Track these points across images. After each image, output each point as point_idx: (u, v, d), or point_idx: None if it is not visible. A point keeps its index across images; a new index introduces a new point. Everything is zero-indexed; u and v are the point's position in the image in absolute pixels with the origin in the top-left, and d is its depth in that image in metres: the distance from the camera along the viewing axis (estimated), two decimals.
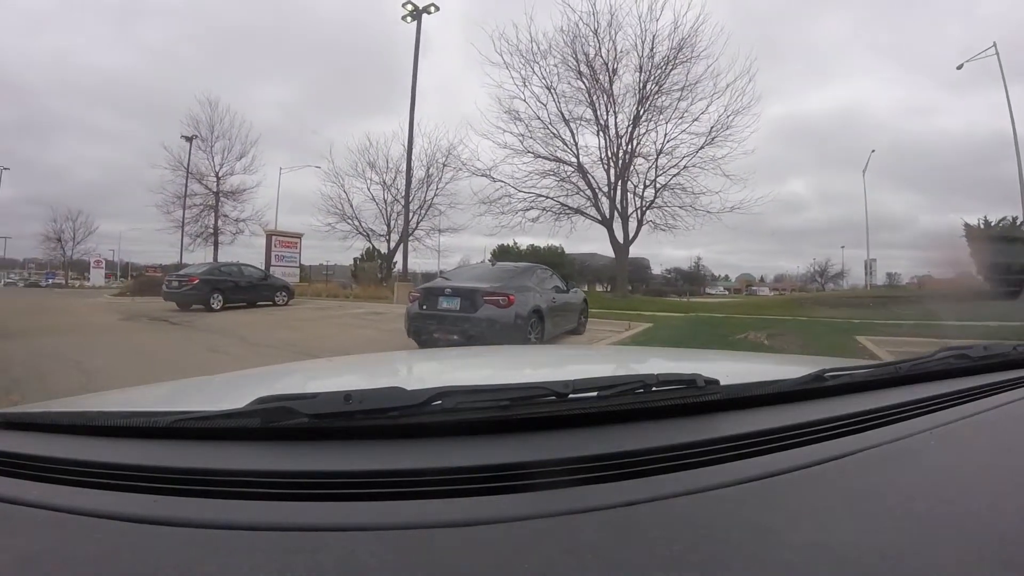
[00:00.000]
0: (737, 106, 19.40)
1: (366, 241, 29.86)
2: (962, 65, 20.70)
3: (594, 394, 0.71)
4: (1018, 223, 17.84)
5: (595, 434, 0.68)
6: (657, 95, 20.38)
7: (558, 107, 20.88)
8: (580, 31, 19.93)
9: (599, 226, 21.55)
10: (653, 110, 20.61)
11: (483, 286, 6.74)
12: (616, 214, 21.14)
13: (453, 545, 0.47)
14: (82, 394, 2.06)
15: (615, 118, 20.89)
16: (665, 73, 20.02)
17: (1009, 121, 18.49)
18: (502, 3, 38.30)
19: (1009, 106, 18.56)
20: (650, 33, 19.61)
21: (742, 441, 0.66)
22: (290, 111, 69.69)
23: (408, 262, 21.57)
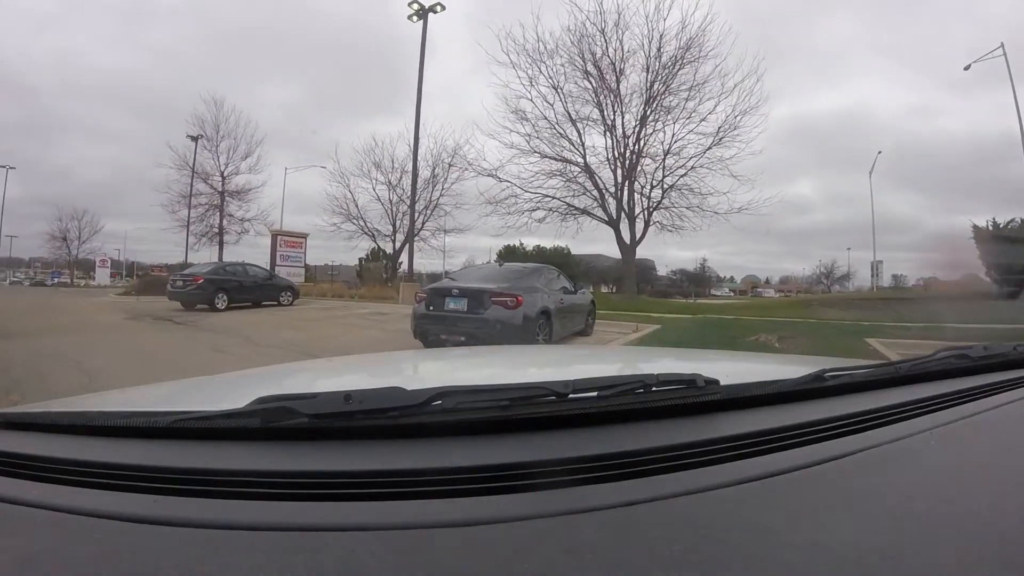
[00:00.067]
0: (745, 106, 19.33)
1: (371, 241, 29.94)
2: (969, 66, 20.62)
3: (594, 394, 0.71)
4: None
5: (595, 434, 0.68)
6: (664, 95, 20.31)
7: (565, 107, 20.83)
8: (587, 30, 19.89)
9: (605, 227, 21.48)
10: (660, 110, 20.54)
11: (491, 287, 6.68)
12: (623, 215, 21.01)
13: (453, 545, 0.47)
14: (83, 394, 2.03)
15: (622, 118, 20.84)
16: (672, 73, 19.96)
17: (1017, 122, 18.37)
18: (509, 3, 38.37)
19: (1017, 107, 18.47)
20: (657, 32, 19.57)
21: (742, 441, 0.66)
22: (296, 111, 70.06)
23: (413, 262, 21.51)
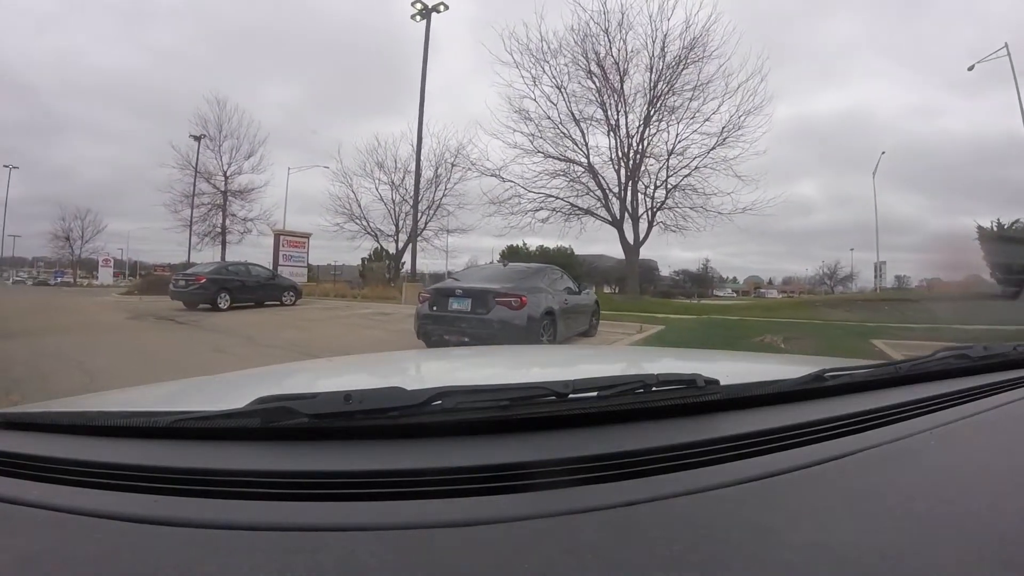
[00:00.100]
0: (749, 106, 19.22)
1: (374, 241, 29.87)
2: (973, 66, 20.46)
3: (594, 394, 0.71)
4: None
5: (595, 434, 0.68)
6: (668, 95, 20.22)
7: (568, 107, 20.75)
8: (591, 30, 19.81)
9: (607, 227, 21.42)
10: (664, 110, 20.45)
11: (495, 287, 6.63)
12: (627, 215, 20.92)
13: (453, 545, 0.47)
14: (83, 394, 2.01)
15: (626, 118, 20.75)
16: (676, 72, 19.87)
17: (1020, 122, 18.16)
18: (512, 2, 38.30)
19: (1021, 107, 18.24)
20: (661, 32, 19.49)
21: (742, 441, 0.66)
22: (298, 111, 70.05)
23: (416, 262, 21.46)
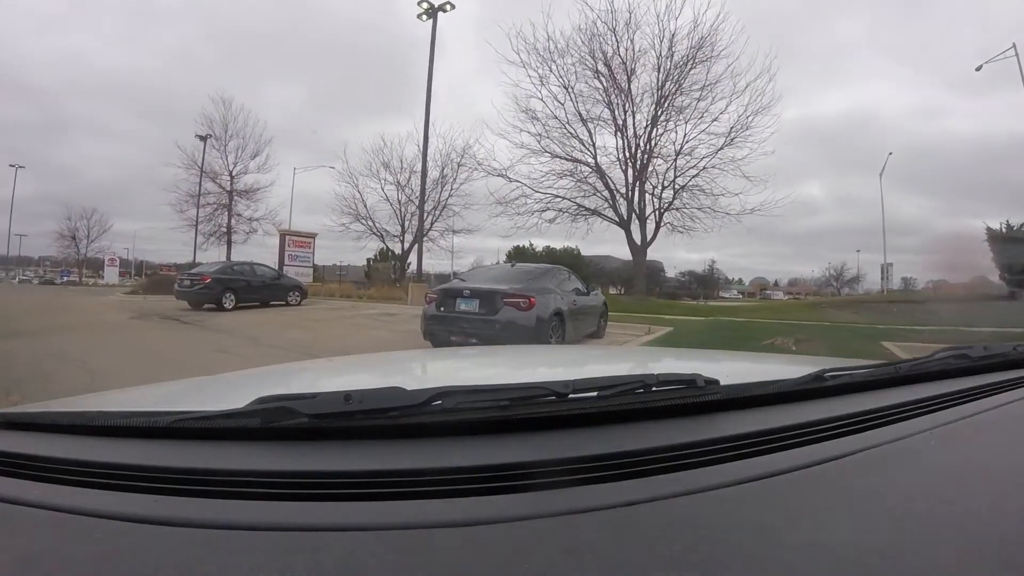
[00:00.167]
0: (757, 106, 19.11)
1: (380, 241, 29.91)
2: (981, 67, 20.28)
3: (594, 394, 0.71)
4: None
5: (595, 434, 0.68)
6: (676, 95, 20.11)
7: (575, 107, 20.71)
8: (598, 29, 19.78)
9: (613, 228, 21.36)
10: (672, 110, 20.33)
11: (503, 288, 6.54)
12: (634, 216, 20.77)
13: (453, 545, 0.46)
14: (84, 394, 2.00)
15: (633, 118, 20.62)
16: (684, 72, 19.77)
17: None
18: (519, 2, 38.23)
19: None
20: (669, 31, 19.39)
21: (742, 441, 0.66)
22: (304, 111, 70.26)
23: (422, 263, 21.38)
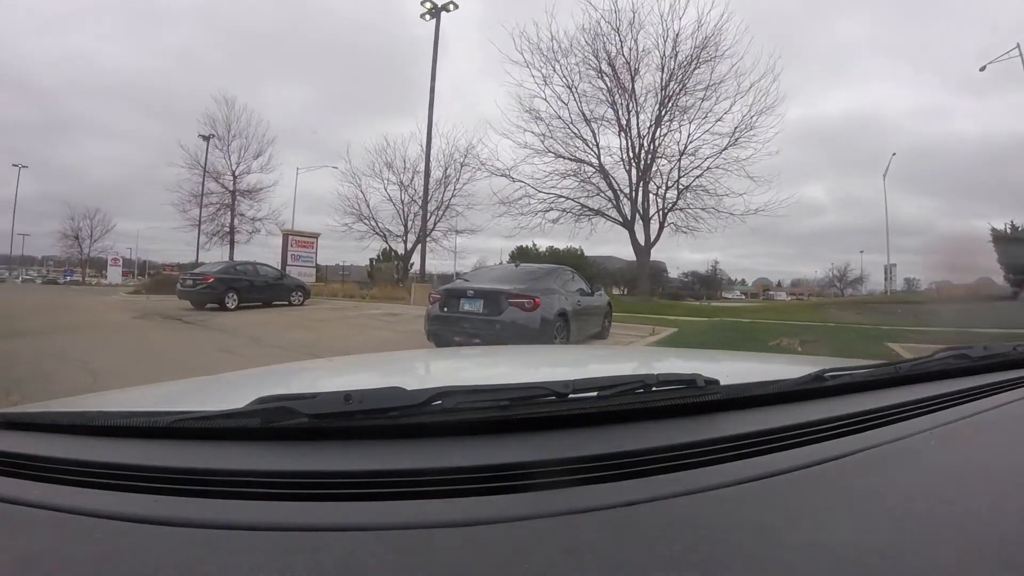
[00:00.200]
0: (761, 106, 19.00)
1: (383, 241, 29.82)
2: (985, 67, 20.15)
3: (594, 394, 0.71)
4: None
5: (595, 434, 0.67)
6: (680, 94, 20.03)
7: (579, 106, 20.60)
8: (602, 29, 19.66)
9: (616, 228, 21.26)
10: (676, 110, 20.25)
11: (508, 288, 6.49)
12: (638, 216, 20.69)
13: (453, 545, 0.46)
14: (84, 394, 2.00)
15: (637, 118, 20.54)
16: (688, 72, 19.67)
17: None
18: (522, 1, 38.23)
19: None
20: (673, 31, 19.31)
21: (742, 441, 0.66)
22: (307, 111, 70.30)
23: (425, 263, 21.32)
